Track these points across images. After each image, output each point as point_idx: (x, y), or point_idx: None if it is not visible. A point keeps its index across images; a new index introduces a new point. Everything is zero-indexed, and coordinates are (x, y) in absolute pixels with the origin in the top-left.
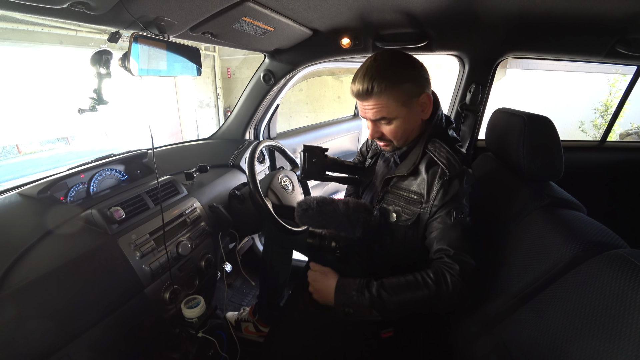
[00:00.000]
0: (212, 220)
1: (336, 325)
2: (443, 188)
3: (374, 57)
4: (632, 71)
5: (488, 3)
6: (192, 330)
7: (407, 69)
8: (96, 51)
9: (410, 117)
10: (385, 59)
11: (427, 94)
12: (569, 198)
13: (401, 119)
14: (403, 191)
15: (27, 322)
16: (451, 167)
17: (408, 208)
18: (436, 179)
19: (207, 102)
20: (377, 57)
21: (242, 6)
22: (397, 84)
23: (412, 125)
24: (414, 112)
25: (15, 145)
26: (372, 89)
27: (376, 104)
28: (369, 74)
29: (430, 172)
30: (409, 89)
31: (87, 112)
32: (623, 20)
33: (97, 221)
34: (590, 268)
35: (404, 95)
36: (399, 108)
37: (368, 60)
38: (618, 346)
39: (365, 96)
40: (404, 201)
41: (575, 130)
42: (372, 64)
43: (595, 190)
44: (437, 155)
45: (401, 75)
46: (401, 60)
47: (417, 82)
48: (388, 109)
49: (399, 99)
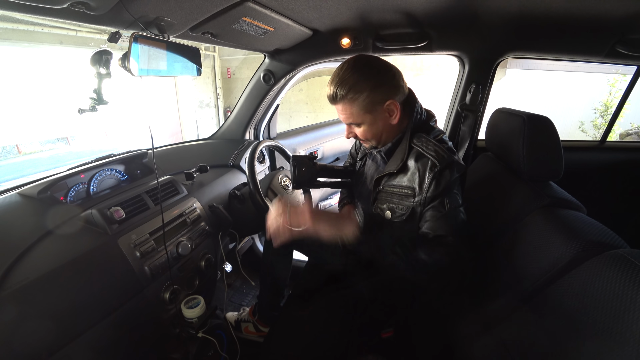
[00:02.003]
0: (212, 220)
1: (336, 325)
2: (435, 179)
3: (344, 63)
4: (632, 71)
5: (488, 3)
6: (192, 330)
7: (370, 77)
8: (96, 51)
9: (377, 122)
10: (351, 66)
11: (392, 101)
12: (569, 198)
13: (367, 124)
14: (395, 188)
15: (27, 322)
16: (440, 158)
17: (401, 203)
18: (427, 171)
19: (207, 102)
20: (345, 64)
21: (242, 6)
22: (357, 92)
23: (380, 129)
24: (380, 117)
25: (15, 145)
26: (336, 95)
27: (343, 109)
28: (334, 80)
29: (420, 166)
30: (369, 97)
31: (87, 112)
32: (623, 20)
33: (97, 221)
34: (591, 268)
35: (365, 103)
36: (362, 115)
37: (337, 69)
38: (618, 346)
39: (332, 101)
40: (397, 197)
41: (575, 130)
42: (339, 71)
43: (595, 190)
44: (425, 149)
45: (362, 83)
46: (366, 67)
47: (380, 90)
48: (352, 115)
49: (361, 106)
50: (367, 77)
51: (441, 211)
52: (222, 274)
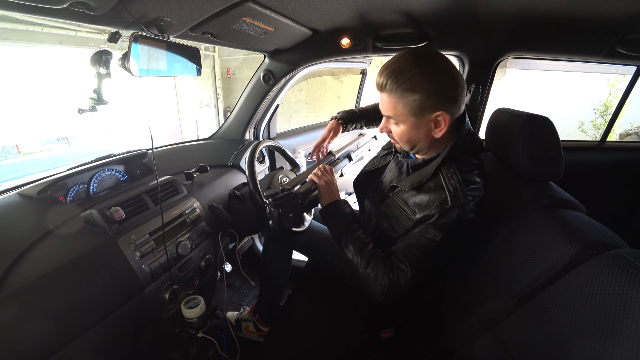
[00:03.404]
0: (212, 221)
1: (336, 325)
2: (438, 214)
3: (407, 52)
4: (632, 71)
5: (488, 3)
6: (192, 330)
7: (430, 79)
8: (96, 51)
9: (418, 129)
10: (410, 60)
11: (444, 114)
12: (568, 198)
13: (407, 127)
14: (401, 201)
15: (27, 322)
16: (455, 197)
17: (398, 222)
18: (435, 204)
19: (207, 102)
20: (405, 55)
21: (242, 6)
22: (408, 90)
23: (419, 136)
24: (424, 125)
25: (15, 145)
26: (386, 85)
27: (387, 101)
28: (388, 69)
29: (432, 195)
30: (420, 101)
31: (87, 112)
32: (623, 20)
33: (97, 221)
34: (590, 268)
35: (414, 105)
36: (405, 115)
37: (397, 55)
38: (618, 346)
39: (379, 89)
40: (397, 213)
41: (575, 130)
42: (398, 59)
43: (595, 191)
44: (447, 181)
45: (417, 83)
46: (430, 66)
47: (436, 98)
48: (395, 110)
49: (407, 106)
50: (427, 78)
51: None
52: (222, 274)
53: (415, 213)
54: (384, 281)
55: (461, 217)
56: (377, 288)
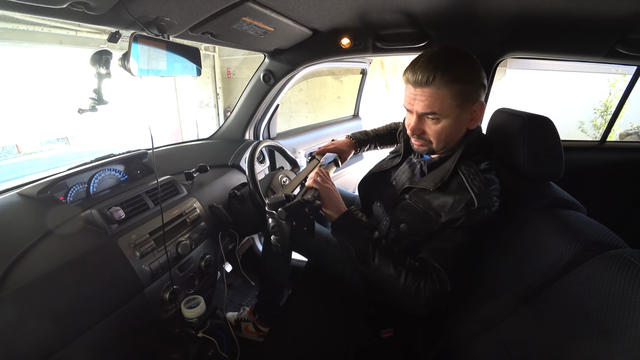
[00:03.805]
0: (212, 220)
1: (336, 325)
2: (465, 216)
3: (440, 47)
4: (632, 71)
5: (488, 3)
6: (192, 330)
7: (474, 69)
8: (96, 51)
9: (459, 121)
10: (454, 52)
11: (481, 103)
12: (569, 198)
13: (451, 120)
14: (422, 204)
15: (27, 322)
16: (481, 198)
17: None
18: (462, 206)
19: (207, 102)
20: (445, 47)
21: (242, 6)
22: (460, 80)
23: (457, 130)
24: (465, 117)
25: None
26: (434, 78)
27: (431, 96)
28: (433, 62)
29: (457, 197)
30: (469, 90)
31: (87, 112)
32: (623, 20)
33: (97, 221)
34: (590, 268)
35: (462, 96)
36: (452, 107)
37: (432, 50)
38: (618, 346)
39: (423, 84)
40: (418, 215)
41: (575, 130)
42: (440, 53)
43: (595, 191)
44: (470, 182)
45: (467, 72)
46: (469, 58)
47: (478, 87)
48: (442, 104)
49: (457, 98)
50: (472, 68)
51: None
52: (222, 274)
53: (440, 216)
54: (426, 293)
55: (487, 217)
56: (421, 300)
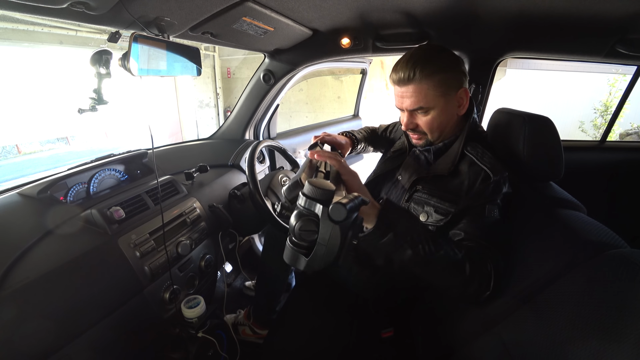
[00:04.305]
0: (212, 220)
1: (336, 324)
2: (484, 190)
3: (419, 46)
4: (632, 71)
5: (488, 3)
6: (192, 330)
7: (449, 59)
8: (96, 51)
9: (447, 110)
10: (430, 48)
11: (465, 89)
12: (569, 198)
13: (438, 110)
14: (437, 190)
15: (27, 322)
16: (495, 170)
17: (440, 209)
18: (478, 180)
19: (207, 102)
20: (421, 46)
21: (242, 6)
22: (438, 71)
23: (448, 118)
24: (451, 105)
25: (15, 145)
26: (414, 74)
27: (415, 91)
28: (412, 60)
29: (471, 174)
30: (448, 79)
31: (87, 112)
32: (623, 20)
33: (97, 221)
34: (590, 268)
35: (444, 85)
36: (437, 97)
37: (410, 50)
38: (618, 346)
39: (405, 82)
40: (437, 201)
41: (575, 130)
42: (417, 52)
43: (595, 190)
44: (480, 159)
45: (443, 63)
46: (444, 51)
47: (457, 74)
48: (427, 97)
49: (438, 87)
50: (448, 59)
51: (479, 215)
52: (222, 274)
53: (459, 197)
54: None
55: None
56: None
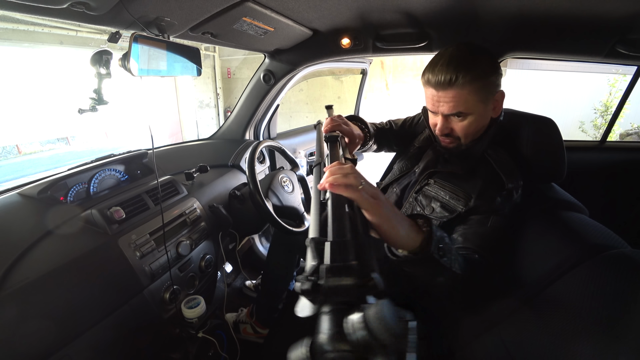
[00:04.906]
0: (212, 221)
1: None
2: (496, 197)
3: (457, 47)
4: (632, 71)
5: (488, 3)
6: (192, 330)
7: (491, 62)
8: (96, 51)
9: (485, 115)
10: (470, 50)
11: (501, 92)
12: (570, 200)
13: (476, 116)
14: (450, 186)
15: (27, 322)
16: (511, 177)
17: (449, 205)
18: (492, 185)
19: (207, 102)
20: (460, 47)
21: (242, 6)
22: (482, 77)
23: (484, 123)
24: (489, 109)
25: (16, 146)
26: (456, 79)
27: (455, 96)
28: (453, 63)
29: (487, 178)
30: (490, 84)
31: (87, 112)
32: (623, 20)
33: (97, 221)
34: (591, 268)
35: (485, 91)
36: (477, 104)
37: (450, 50)
38: (618, 346)
39: (446, 86)
40: (447, 197)
41: (575, 130)
42: (458, 53)
43: (595, 190)
44: (498, 164)
45: (485, 69)
46: (484, 53)
47: (497, 78)
48: (467, 103)
49: (480, 94)
50: (489, 62)
51: (484, 224)
52: (222, 274)
53: (470, 198)
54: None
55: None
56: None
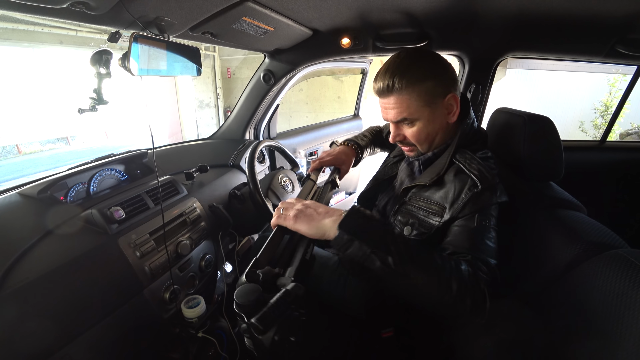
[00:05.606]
0: (212, 220)
1: (336, 325)
2: (472, 201)
3: (398, 54)
4: (632, 71)
5: (488, 3)
6: (192, 330)
7: (431, 66)
8: (96, 51)
9: (434, 119)
10: (408, 55)
11: (453, 95)
12: (569, 199)
13: (424, 121)
14: (422, 201)
15: (27, 322)
16: (483, 178)
17: (425, 222)
18: (464, 191)
19: (207, 102)
20: (400, 54)
21: (242, 6)
22: (418, 80)
23: (436, 128)
24: (439, 114)
25: (15, 145)
26: (393, 85)
27: (397, 102)
28: (390, 70)
29: (457, 183)
30: (431, 87)
31: (87, 112)
32: (623, 20)
33: (97, 221)
34: (591, 268)
35: (427, 94)
36: (421, 108)
37: (392, 57)
38: (618, 346)
39: (386, 93)
40: (422, 213)
41: (575, 130)
42: (395, 60)
43: (595, 190)
44: (467, 166)
45: (424, 72)
46: (425, 57)
47: (442, 81)
48: (409, 108)
49: (421, 97)
50: (429, 66)
51: (467, 226)
52: (222, 274)
53: (444, 208)
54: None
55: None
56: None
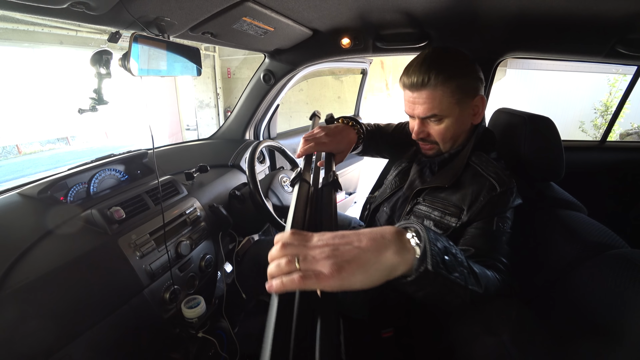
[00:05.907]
0: (212, 220)
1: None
2: (491, 203)
3: (432, 49)
4: (632, 71)
5: (488, 3)
6: (192, 330)
7: (465, 64)
8: (96, 51)
9: (462, 119)
10: (445, 51)
11: (481, 97)
12: (569, 199)
13: (452, 119)
14: (439, 202)
15: (28, 322)
16: (501, 181)
17: (441, 222)
18: (482, 193)
19: (207, 102)
20: (435, 49)
21: (242, 6)
22: (455, 77)
23: (461, 128)
24: (466, 113)
25: (16, 145)
26: (429, 80)
27: (429, 97)
28: (425, 64)
29: (475, 186)
30: (465, 85)
31: (87, 112)
32: (623, 20)
33: (97, 221)
34: (591, 268)
35: (460, 92)
36: (452, 105)
37: (424, 52)
38: (618, 346)
39: (419, 88)
40: (437, 214)
41: (575, 130)
42: (430, 55)
43: (596, 190)
44: (484, 169)
45: (460, 69)
46: (459, 55)
47: (474, 81)
48: (441, 105)
49: (455, 95)
50: (464, 64)
51: (486, 229)
52: (222, 274)
53: (462, 210)
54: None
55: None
56: None
